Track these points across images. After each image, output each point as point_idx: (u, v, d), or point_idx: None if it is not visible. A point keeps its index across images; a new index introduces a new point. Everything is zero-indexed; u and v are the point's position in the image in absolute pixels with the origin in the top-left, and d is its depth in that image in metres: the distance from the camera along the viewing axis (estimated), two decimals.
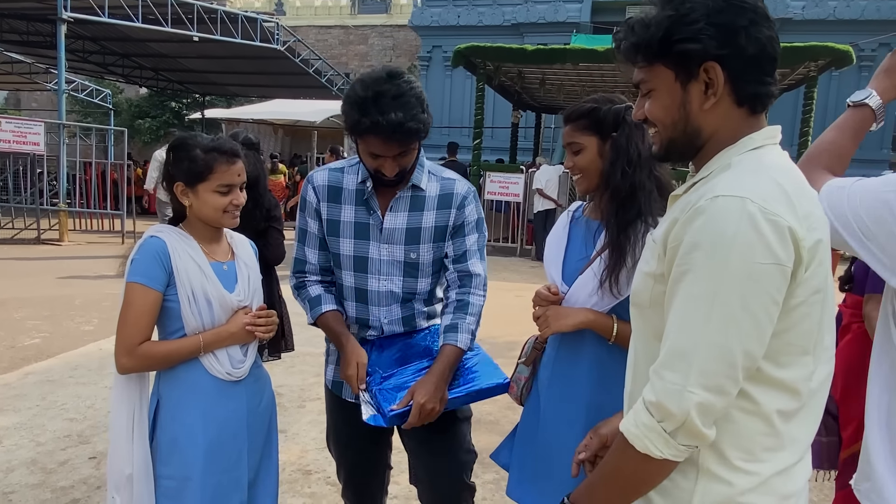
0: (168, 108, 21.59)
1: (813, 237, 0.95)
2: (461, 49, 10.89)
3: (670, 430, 0.95)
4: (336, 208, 1.88)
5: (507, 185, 11.15)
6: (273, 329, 1.89)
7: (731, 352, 0.92)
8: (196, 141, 1.79)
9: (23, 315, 6.04)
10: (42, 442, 3.48)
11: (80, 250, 10.08)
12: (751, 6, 1.00)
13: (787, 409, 1.01)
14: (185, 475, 1.75)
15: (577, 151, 1.70)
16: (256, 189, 3.22)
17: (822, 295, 0.99)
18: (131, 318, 1.71)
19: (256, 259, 2.00)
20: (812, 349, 1.01)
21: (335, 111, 15.95)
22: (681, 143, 1.08)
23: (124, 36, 14.18)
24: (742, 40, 0.99)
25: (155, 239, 1.76)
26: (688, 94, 1.03)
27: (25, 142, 10.32)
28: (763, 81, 1.03)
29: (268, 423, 1.95)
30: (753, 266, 0.91)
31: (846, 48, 9.61)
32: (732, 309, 0.91)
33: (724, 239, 0.91)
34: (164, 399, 1.80)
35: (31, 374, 4.56)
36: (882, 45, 15.99)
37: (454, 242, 1.92)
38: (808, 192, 0.99)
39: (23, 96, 24.78)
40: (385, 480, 2.09)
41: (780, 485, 1.02)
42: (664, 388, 0.96)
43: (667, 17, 1.01)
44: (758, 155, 1.02)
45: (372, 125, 1.63)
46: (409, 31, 20.30)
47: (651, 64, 1.05)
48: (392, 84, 1.65)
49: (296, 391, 4.34)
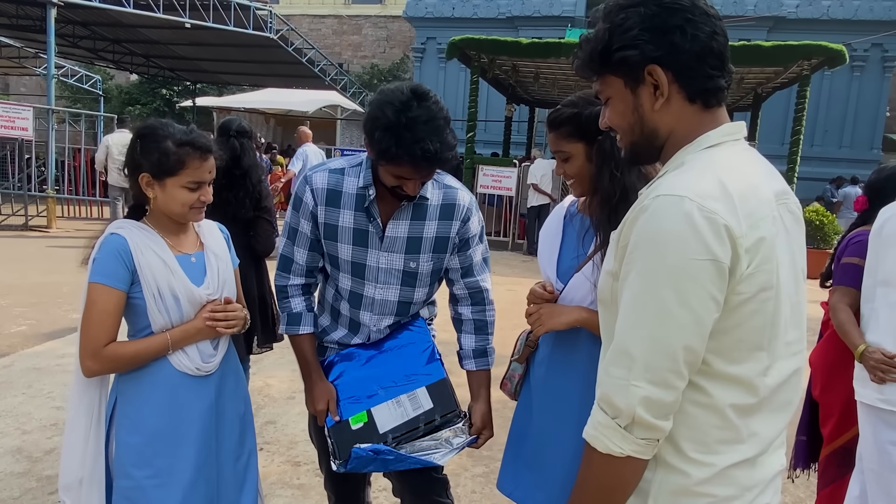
0: (159, 96, 21.41)
1: (755, 235, 0.96)
2: (455, 41, 10.84)
3: (624, 425, 0.98)
4: (335, 213, 1.82)
5: (499, 179, 11.14)
6: (237, 323, 1.82)
7: (671, 346, 0.95)
8: (168, 131, 1.70)
9: (9, 302, 5.99)
10: (28, 430, 3.46)
11: (68, 237, 9.99)
12: (686, 6, 1.03)
13: (743, 404, 1.02)
14: (149, 475, 1.69)
15: (565, 159, 1.67)
16: (249, 178, 3.20)
17: (774, 292, 1.00)
18: (95, 320, 1.64)
19: (228, 245, 1.94)
20: (766, 345, 1.02)
21: (328, 101, 15.91)
22: (642, 145, 1.12)
23: (115, 21, 14.02)
24: (678, 39, 1.03)
25: (115, 236, 1.68)
26: (639, 98, 1.08)
27: (14, 127, 10.20)
28: (709, 76, 1.05)
29: (241, 416, 1.90)
30: (689, 262, 0.93)
31: (839, 47, 9.65)
32: (669, 305, 0.94)
33: (661, 236, 0.95)
34: (124, 396, 1.73)
35: (18, 361, 4.52)
36: (874, 45, 16.09)
37: (460, 257, 1.90)
38: (755, 191, 1.00)
39: (11, 81, 24.50)
40: (367, 473, 2.08)
41: (741, 476, 1.04)
42: (611, 383, 0.99)
43: (605, 30, 1.07)
44: (710, 153, 1.05)
45: (408, 156, 1.58)
46: (404, 22, 20.21)
47: (602, 75, 1.11)
48: (423, 108, 1.59)
49: (285, 382, 4.33)
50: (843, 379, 2.51)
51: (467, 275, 1.92)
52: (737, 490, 1.04)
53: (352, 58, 21.98)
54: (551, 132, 1.68)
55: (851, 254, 2.50)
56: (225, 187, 3.01)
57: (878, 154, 16.68)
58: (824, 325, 2.72)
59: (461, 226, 1.86)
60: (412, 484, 1.97)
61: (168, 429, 1.72)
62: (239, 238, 2.07)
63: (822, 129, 16.83)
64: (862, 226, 2.64)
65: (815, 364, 2.63)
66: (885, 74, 16.68)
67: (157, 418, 1.71)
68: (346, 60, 21.65)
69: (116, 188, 9.91)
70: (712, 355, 1.00)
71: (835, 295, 2.49)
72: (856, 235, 2.55)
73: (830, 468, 2.58)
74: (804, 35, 12.75)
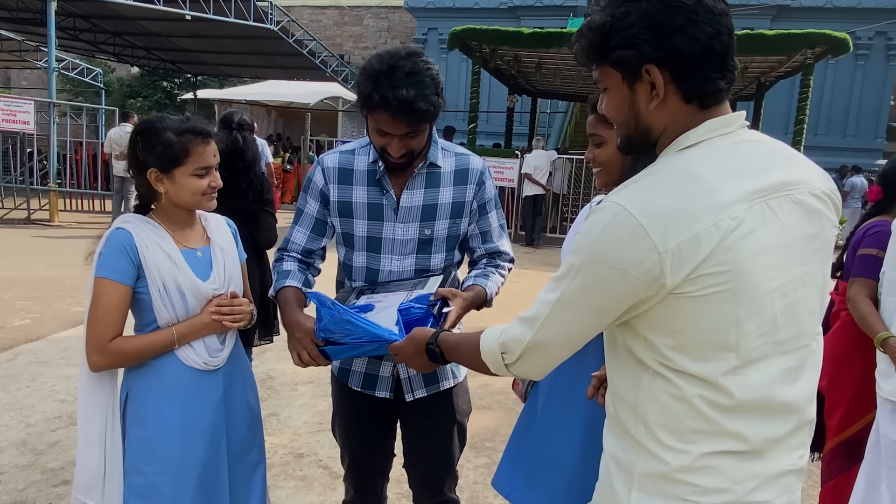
0: (160, 88, 21.35)
1: (693, 243, 0.94)
2: (457, 31, 10.79)
3: (507, 361, 1.17)
4: (347, 189, 1.83)
5: (501, 171, 11.11)
6: (243, 317, 1.82)
7: (567, 331, 1.09)
8: (166, 123, 1.70)
9: (12, 296, 6.00)
10: (32, 423, 3.47)
11: (70, 231, 10.01)
12: (688, 5, 1.00)
13: (715, 400, 1.00)
14: (160, 470, 1.69)
15: (599, 144, 1.64)
16: (252, 170, 3.19)
17: (731, 294, 0.97)
18: (101, 315, 1.64)
19: (236, 240, 1.94)
20: (735, 346, 0.99)
21: (329, 93, 15.87)
22: (636, 139, 1.12)
23: (116, 14, 13.95)
24: (679, 41, 1.00)
25: (121, 231, 1.68)
26: (635, 95, 1.07)
27: (15, 120, 10.20)
28: (708, 78, 1.03)
29: (250, 411, 1.90)
30: (607, 269, 0.99)
31: (843, 36, 9.58)
32: (577, 298, 1.05)
33: (592, 237, 1.02)
34: (134, 392, 1.74)
35: (21, 355, 4.53)
36: (879, 32, 15.98)
37: (480, 223, 1.91)
38: (709, 195, 0.97)
39: (13, 74, 24.46)
40: (388, 467, 2.08)
41: (727, 468, 1.02)
42: (514, 333, 1.15)
43: (605, 23, 1.04)
44: (679, 157, 1.04)
45: (382, 100, 1.58)
46: (405, 12, 20.12)
47: (600, 65, 1.10)
48: (409, 61, 1.61)
49: (288, 374, 4.34)
50: (851, 371, 2.49)
51: (487, 240, 1.93)
52: (724, 482, 1.02)
53: (353, 49, 21.88)
54: (592, 114, 1.66)
55: (869, 245, 2.46)
56: (227, 180, 2.99)
57: (883, 143, 16.60)
58: (833, 315, 2.70)
59: (477, 190, 1.87)
60: (425, 477, 2.00)
61: (178, 423, 1.72)
62: (241, 231, 2.08)
63: (825, 118, 16.73)
64: (875, 216, 2.61)
65: (822, 355, 2.60)
66: (889, 63, 16.57)
67: (166, 413, 1.71)
68: (348, 52, 21.55)
69: (118, 178, 9.99)
70: (673, 352, 1.00)
71: (853, 287, 2.45)
72: (873, 226, 2.51)
73: (837, 459, 2.56)
74: (808, 23, 12.65)
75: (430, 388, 1.89)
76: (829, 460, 2.59)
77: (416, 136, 1.69)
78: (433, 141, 1.83)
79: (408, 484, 2.07)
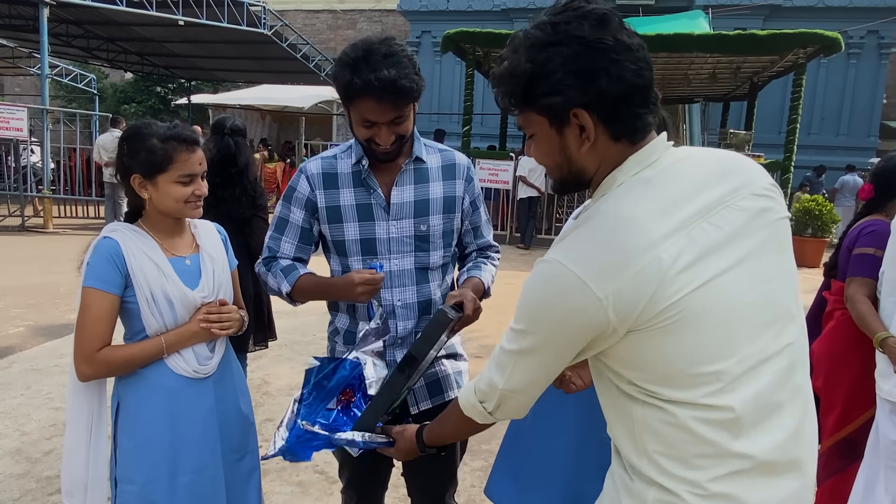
0: (154, 94, 21.33)
1: (631, 285, 0.94)
2: (450, 34, 10.80)
3: (490, 409, 1.18)
4: (334, 194, 1.80)
5: (496, 173, 11.11)
6: (232, 324, 1.81)
7: (530, 379, 1.12)
8: (151, 129, 1.70)
9: (7, 303, 5.97)
10: (27, 431, 3.46)
11: (64, 237, 9.97)
12: (609, 45, 0.98)
13: (713, 419, 0.98)
14: (149, 479, 1.69)
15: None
16: (245, 176, 3.18)
17: (682, 322, 0.95)
18: (88, 324, 1.64)
19: (226, 246, 1.92)
20: (713, 369, 0.97)
21: (323, 97, 15.85)
22: (570, 181, 1.12)
23: (108, 20, 13.94)
24: (605, 83, 0.98)
25: (108, 240, 1.68)
26: (565, 139, 1.06)
27: (9, 127, 10.16)
28: (637, 114, 1.03)
29: (242, 417, 1.89)
30: (552, 323, 1.02)
31: (835, 35, 9.60)
32: (535, 350, 1.07)
33: (531, 298, 1.05)
34: (124, 401, 1.73)
35: (16, 363, 4.52)
36: (871, 32, 16.04)
37: (472, 218, 1.96)
38: (640, 233, 0.96)
39: (6, 81, 24.38)
40: (387, 478, 2.06)
41: (740, 493, 0.99)
42: (488, 382, 1.17)
43: (527, 70, 1.02)
44: (606, 202, 1.03)
45: (364, 84, 1.57)
46: (398, 15, 20.11)
47: (524, 111, 1.07)
48: (383, 44, 1.61)
49: (284, 380, 4.33)
50: (846, 370, 2.49)
51: (479, 235, 2.01)
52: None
53: None
54: None
55: (866, 244, 2.44)
56: (220, 185, 3.00)
57: (876, 141, 16.65)
58: (827, 315, 2.69)
59: (466, 185, 1.91)
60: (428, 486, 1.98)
61: (167, 432, 1.71)
62: (234, 237, 2.07)
63: (818, 117, 16.78)
64: (868, 215, 2.60)
65: (817, 355, 2.58)
66: (881, 61, 16.63)
67: (156, 422, 1.71)
68: None
69: (109, 184, 9.99)
70: (654, 385, 0.99)
71: (851, 286, 2.44)
72: (868, 225, 2.50)
73: (833, 459, 2.56)
74: (800, 23, 12.69)
75: (435, 400, 1.87)
76: (825, 460, 2.59)
77: (402, 120, 1.68)
78: (415, 137, 1.82)
79: (406, 491, 2.06)
